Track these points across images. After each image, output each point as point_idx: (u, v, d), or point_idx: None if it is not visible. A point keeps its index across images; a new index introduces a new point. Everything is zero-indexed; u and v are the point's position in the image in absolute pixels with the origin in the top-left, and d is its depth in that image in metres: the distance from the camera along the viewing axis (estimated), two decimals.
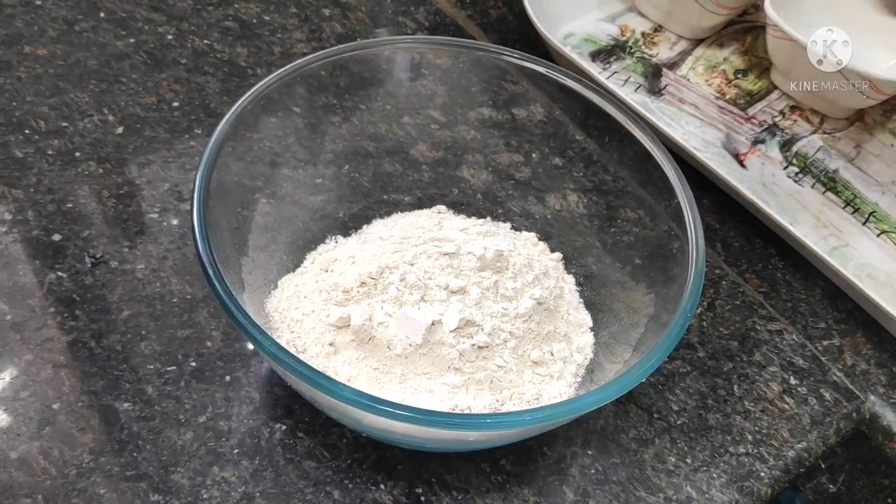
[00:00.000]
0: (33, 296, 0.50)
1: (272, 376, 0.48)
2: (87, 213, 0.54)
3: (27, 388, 0.46)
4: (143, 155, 0.59)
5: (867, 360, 0.56)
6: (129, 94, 0.63)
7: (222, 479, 0.44)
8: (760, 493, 0.48)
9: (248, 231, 0.48)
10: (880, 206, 0.64)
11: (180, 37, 0.68)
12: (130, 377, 0.47)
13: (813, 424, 0.51)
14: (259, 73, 0.66)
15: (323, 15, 0.73)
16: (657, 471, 0.47)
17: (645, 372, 0.39)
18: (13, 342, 0.47)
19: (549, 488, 0.46)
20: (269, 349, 0.37)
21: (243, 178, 0.48)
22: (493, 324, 0.45)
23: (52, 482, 0.42)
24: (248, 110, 0.47)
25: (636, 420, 0.49)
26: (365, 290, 0.46)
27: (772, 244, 0.62)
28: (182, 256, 0.53)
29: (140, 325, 0.49)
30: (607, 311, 0.50)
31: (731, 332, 0.55)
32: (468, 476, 0.46)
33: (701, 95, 0.72)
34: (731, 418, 0.50)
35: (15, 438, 0.44)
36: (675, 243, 0.46)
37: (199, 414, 0.46)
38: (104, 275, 0.51)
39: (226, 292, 0.38)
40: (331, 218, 0.54)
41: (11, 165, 0.56)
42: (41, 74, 0.63)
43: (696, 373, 0.52)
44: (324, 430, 0.46)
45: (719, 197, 0.64)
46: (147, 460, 0.44)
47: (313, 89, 0.51)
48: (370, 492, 0.44)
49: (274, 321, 0.47)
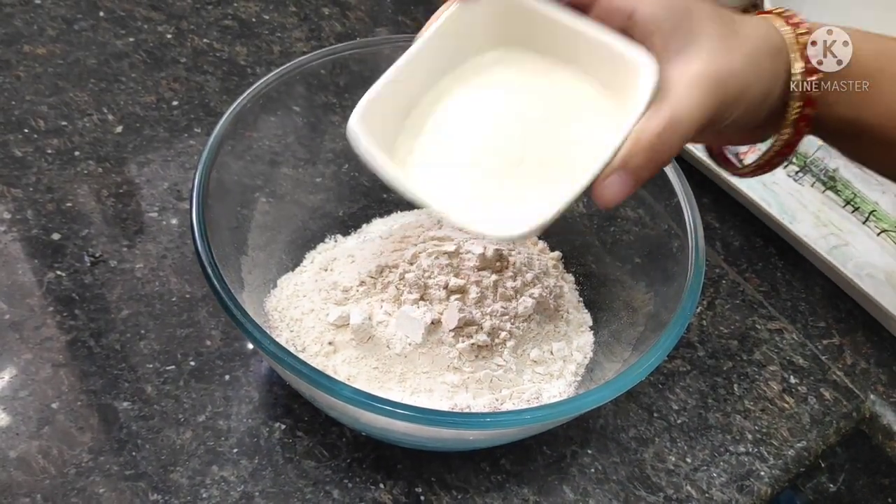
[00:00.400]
0: (32, 295, 0.50)
1: (271, 375, 0.48)
2: (87, 213, 0.54)
3: (26, 387, 0.46)
4: (142, 154, 0.59)
5: (867, 359, 0.55)
6: (129, 93, 0.62)
7: (221, 478, 0.44)
8: (760, 492, 0.47)
9: (247, 230, 0.48)
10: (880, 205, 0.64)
11: (179, 36, 0.68)
12: (129, 376, 0.47)
13: (813, 423, 0.51)
14: (258, 71, 0.66)
15: (322, 14, 0.73)
16: (657, 470, 0.47)
17: (645, 371, 0.39)
18: (12, 341, 0.47)
19: (548, 487, 0.46)
20: (269, 348, 0.37)
21: (243, 177, 0.48)
22: (493, 323, 0.45)
23: (52, 481, 0.42)
24: (247, 109, 0.47)
25: (636, 419, 0.49)
26: (364, 290, 0.46)
27: (772, 243, 0.61)
28: (181, 255, 0.53)
29: (139, 324, 0.49)
30: (607, 310, 0.50)
31: (731, 331, 0.55)
32: (468, 475, 0.45)
33: None
34: (730, 417, 0.50)
35: (14, 437, 0.44)
36: (674, 242, 0.46)
37: (199, 413, 0.46)
38: (103, 274, 0.51)
39: (225, 291, 0.38)
40: (330, 217, 0.54)
41: (11, 164, 0.56)
42: (40, 73, 0.62)
43: (696, 372, 0.52)
44: (323, 430, 0.46)
45: (719, 196, 0.64)
46: (146, 459, 0.44)
47: (313, 88, 0.51)
48: (370, 491, 0.44)
49: (273, 320, 0.47)
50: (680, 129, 0.33)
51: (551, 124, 0.35)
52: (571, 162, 0.35)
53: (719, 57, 0.34)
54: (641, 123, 0.33)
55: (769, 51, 0.36)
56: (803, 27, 0.37)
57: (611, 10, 0.35)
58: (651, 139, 0.33)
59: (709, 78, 0.34)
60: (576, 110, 0.36)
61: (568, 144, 0.35)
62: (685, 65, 0.34)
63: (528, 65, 0.37)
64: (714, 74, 0.34)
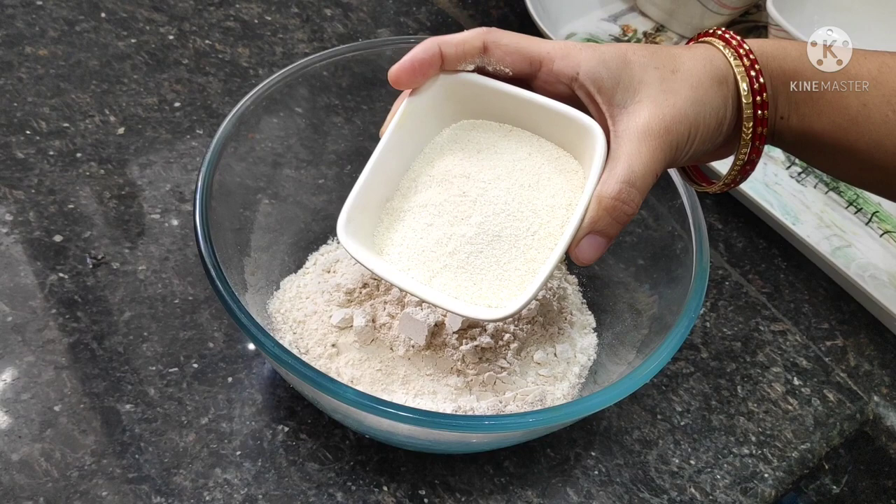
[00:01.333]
0: (35, 297, 0.50)
1: (275, 378, 0.48)
2: (89, 214, 0.54)
3: (28, 389, 0.46)
4: (144, 155, 0.58)
5: (870, 361, 0.55)
6: (131, 95, 0.62)
7: (225, 481, 0.44)
8: (764, 494, 0.47)
9: (250, 232, 0.48)
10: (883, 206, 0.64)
11: (182, 37, 0.68)
12: (132, 379, 0.47)
13: (816, 425, 0.51)
14: (261, 73, 0.66)
15: (325, 15, 0.73)
16: (661, 472, 0.47)
17: (649, 374, 0.39)
18: (14, 343, 0.47)
19: (552, 490, 0.46)
20: (272, 350, 0.37)
21: (245, 179, 0.48)
22: (496, 325, 0.45)
23: (54, 484, 0.42)
24: (250, 111, 0.46)
25: (639, 421, 0.49)
26: (367, 292, 0.46)
27: (775, 244, 0.61)
28: (184, 257, 0.53)
29: (142, 326, 0.49)
30: (611, 312, 0.50)
31: (735, 333, 0.55)
32: (471, 478, 0.45)
33: None
34: (734, 419, 0.50)
35: (16, 440, 0.44)
36: (678, 244, 0.46)
37: (202, 416, 0.46)
38: (105, 276, 0.51)
39: (228, 293, 0.38)
40: (333, 218, 0.53)
41: (13, 166, 0.56)
42: (42, 75, 0.62)
43: (700, 374, 0.52)
44: (326, 432, 0.46)
45: (722, 197, 0.63)
46: (149, 462, 0.44)
47: (315, 90, 0.51)
48: (373, 494, 0.44)
49: (276, 322, 0.47)
50: (637, 185, 0.34)
51: (520, 193, 0.37)
52: (544, 228, 0.37)
53: (662, 103, 0.35)
54: (599, 187, 0.35)
55: (713, 79, 0.36)
56: (744, 46, 0.37)
57: (555, 75, 0.36)
58: (611, 203, 0.35)
59: (655, 129, 0.35)
60: (539, 175, 0.38)
61: (537, 212, 0.37)
62: (631, 119, 0.35)
63: (488, 133, 0.39)
64: (659, 123, 0.35)
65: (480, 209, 0.37)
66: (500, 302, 0.36)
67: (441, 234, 0.37)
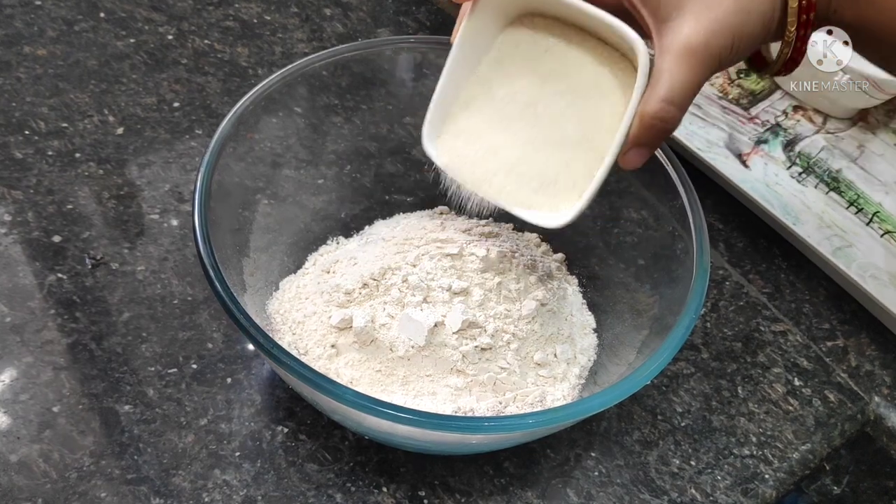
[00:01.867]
0: (33, 297, 0.49)
1: (274, 378, 0.48)
2: (88, 215, 0.54)
3: (27, 390, 0.46)
4: (143, 156, 0.58)
5: (871, 362, 0.55)
6: (130, 95, 0.62)
7: (224, 482, 0.43)
8: (765, 495, 0.47)
9: (249, 232, 0.48)
10: (884, 206, 0.64)
11: (181, 37, 0.68)
12: (131, 379, 0.47)
13: (817, 426, 0.51)
14: (260, 73, 0.66)
15: (324, 15, 0.72)
16: (661, 473, 0.47)
17: (649, 375, 0.38)
18: (13, 344, 0.47)
19: (552, 491, 0.46)
20: (271, 351, 0.36)
21: (244, 179, 0.48)
22: (496, 325, 0.44)
23: (53, 485, 0.42)
24: (249, 111, 0.46)
25: (640, 422, 0.49)
26: (367, 292, 0.46)
27: (775, 244, 0.61)
28: (183, 258, 0.53)
29: (141, 326, 0.49)
30: (611, 313, 0.50)
31: (735, 334, 0.55)
32: (471, 479, 0.45)
33: (704, 95, 0.72)
34: (735, 420, 0.50)
35: (15, 441, 0.44)
36: (678, 244, 0.46)
37: (201, 416, 0.46)
38: (104, 276, 0.51)
39: (227, 294, 0.38)
40: (332, 219, 0.54)
41: (11, 166, 0.56)
42: (41, 75, 0.62)
43: (700, 374, 0.52)
44: (326, 433, 0.46)
45: (722, 197, 0.63)
46: (148, 463, 0.44)
47: (315, 89, 0.51)
48: (372, 495, 0.44)
49: (275, 323, 0.47)
50: (676, 102, 0.36)
51: (571, 104, 0.40)
52: (592, 139, 0.40)
53: (704, 17, 0.35)
54: (642, 105, 0.37)
55: None
56: None
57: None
58: (651, 121, 0.36)
59: (695, 44, 0.35)
60: (588, 87, 0.40)
61: (586, 122, 0.40)
62: (674, 34, 0.36)
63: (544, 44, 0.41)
64: (699, 38, 0.35)
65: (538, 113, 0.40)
66: (556, 206, 0.40)
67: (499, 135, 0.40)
